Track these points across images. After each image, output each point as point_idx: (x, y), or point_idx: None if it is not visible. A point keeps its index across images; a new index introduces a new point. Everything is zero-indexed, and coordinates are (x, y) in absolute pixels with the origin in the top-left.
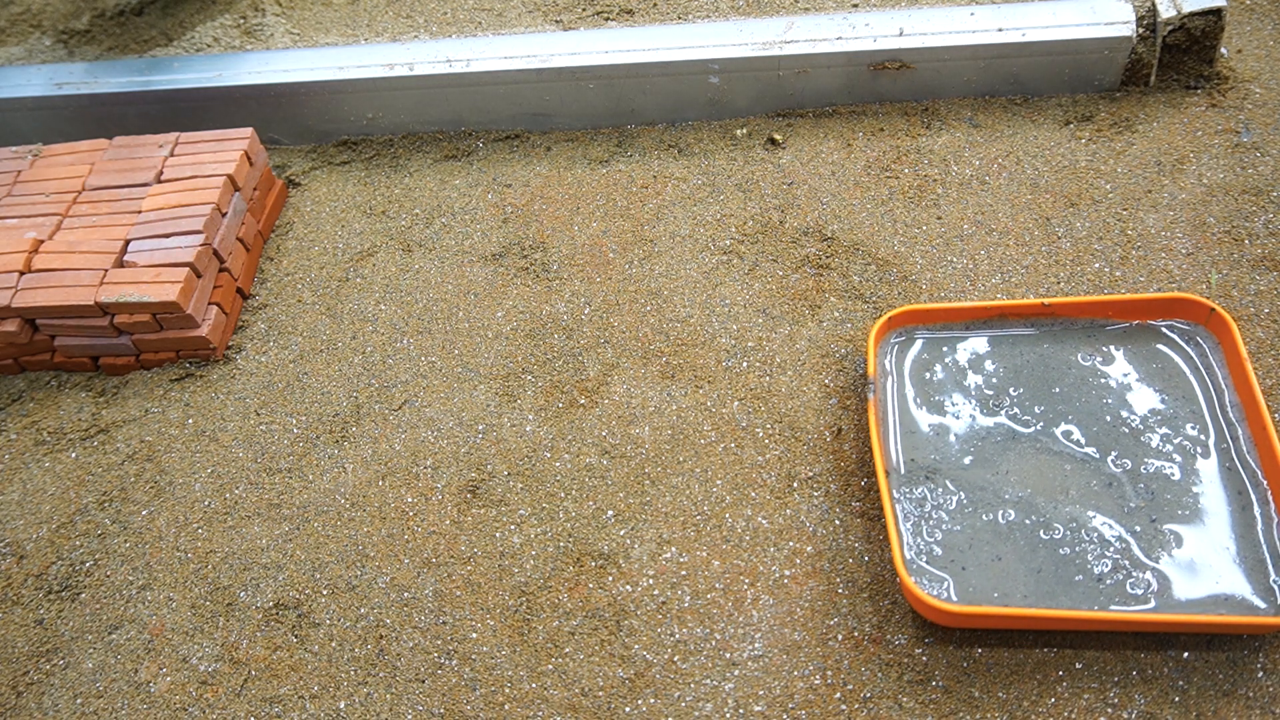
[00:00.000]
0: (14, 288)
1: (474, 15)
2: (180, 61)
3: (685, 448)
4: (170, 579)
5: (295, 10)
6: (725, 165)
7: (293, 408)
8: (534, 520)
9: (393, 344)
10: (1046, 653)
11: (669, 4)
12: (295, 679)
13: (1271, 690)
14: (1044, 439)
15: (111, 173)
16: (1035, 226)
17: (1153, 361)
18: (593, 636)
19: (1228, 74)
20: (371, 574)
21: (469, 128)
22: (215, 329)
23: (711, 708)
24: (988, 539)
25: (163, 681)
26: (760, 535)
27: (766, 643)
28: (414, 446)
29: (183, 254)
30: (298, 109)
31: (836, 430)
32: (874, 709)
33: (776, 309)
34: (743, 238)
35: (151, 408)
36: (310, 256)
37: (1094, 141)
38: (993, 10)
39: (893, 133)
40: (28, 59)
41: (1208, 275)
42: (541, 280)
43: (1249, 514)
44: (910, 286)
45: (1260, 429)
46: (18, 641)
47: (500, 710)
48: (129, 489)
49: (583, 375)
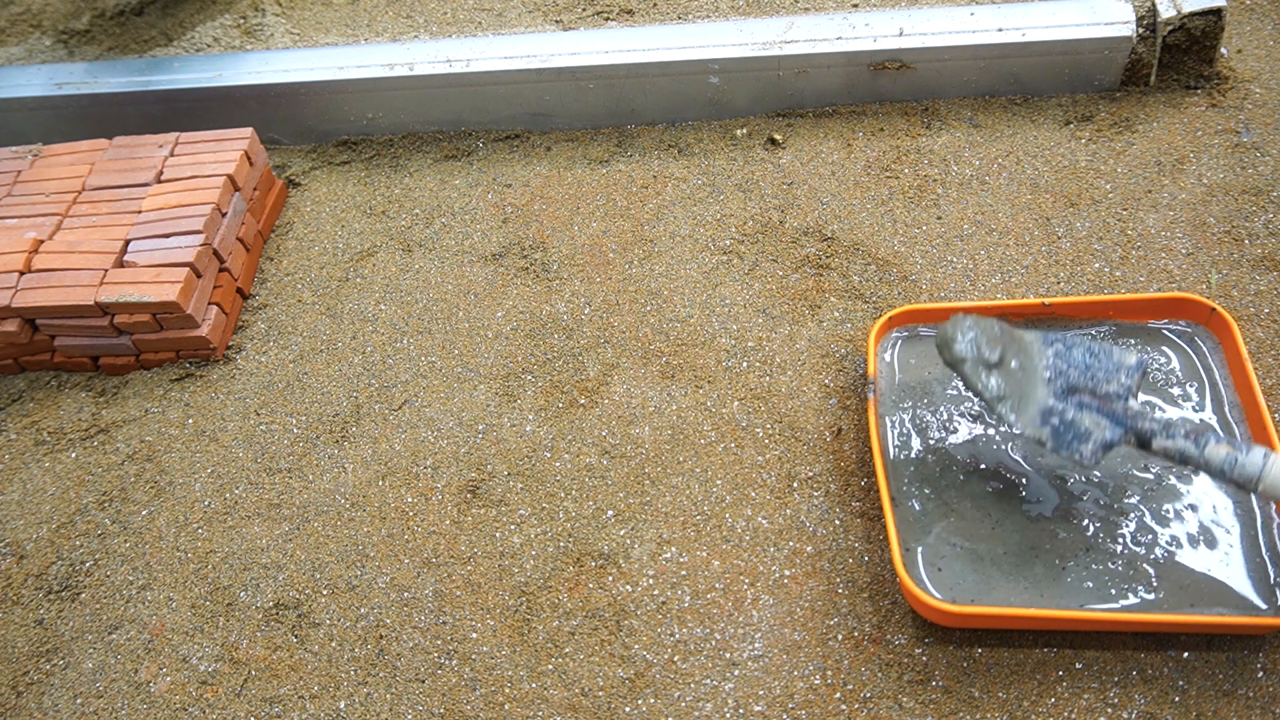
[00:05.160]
0: (14, 288)
1: (474, 15)
2: (180, 61)
3: (685, 448)
4: (170, 579)
5: (295, 10)
6: (725, 165)
7: (293, 408)
8: (534, 520)
9: (393, 344)
10: (1046, 653)
11: (669, 4)
12: (295, 679)
13: (1271, 690)
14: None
15: (111, 173)
16: (1035, 226)
17: (1152, 361)
18: (593, 636)
19: (1228, 74)
20: (371, 574)
21: (469, 128)
22: (215, 329)
23: (711, 708)
24: (984, 532)
25: (163, 681)
26: (760, 535)
27: (766, 643)
28: (414, 446)
29: (183, 254)
30: (298, 109)
31: (836, 430)
32: (874, 709)
33: (776, 309)
34: (743, 238)
35: (151, 408)
36: (310, 256)
37: (1094, 141)
38: (993, 10)
39: (893, 133)
40: (28, 59)
41: (1208, 275)
42: (541, 280)
43: (1249, 514)
44: (910, 286)
45: (1260, 429)
46: (18, 641)
47: (500, 710)
48: (129, 489)
49: (583, 375)
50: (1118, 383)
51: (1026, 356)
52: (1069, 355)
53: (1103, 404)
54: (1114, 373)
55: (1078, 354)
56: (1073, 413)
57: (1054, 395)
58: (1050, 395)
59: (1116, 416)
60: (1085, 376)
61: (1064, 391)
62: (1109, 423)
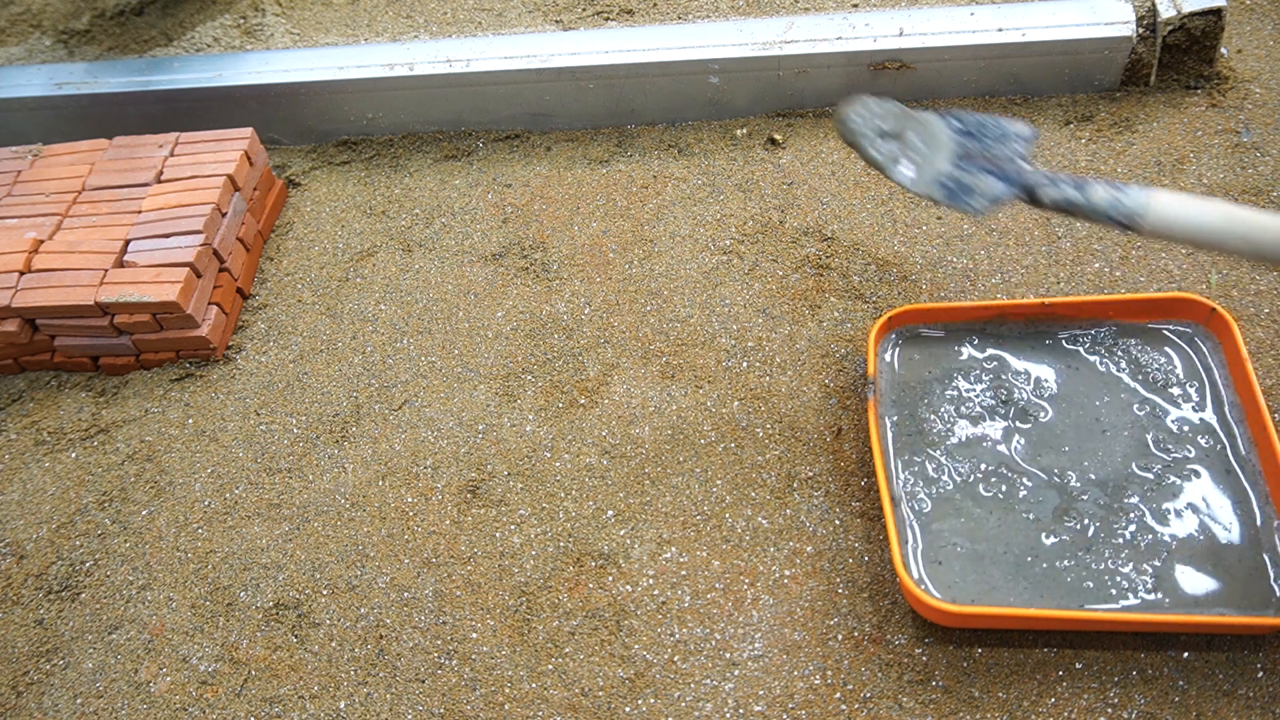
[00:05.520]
0: (14, 288)
1: (474, 15)
2: (180, 61)
3: (685, 448)
4: (170, 579)
5: (295, 10)
6: (725, 165)
7: (293, 408)
8: (534, 520)
9: (393, 344)
10: (1046, 653)
11: (669, 4)
12: (295, 679)
13: (1271, 690)
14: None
15: (111, 173)
16: (1035, 226)
17: (1152, 361)
18: (593, 636)
19: (1228, 74)
20: (371, 574)
21: (469, 128)
22: (215, 329)
23: (711, 708)
24: (982, 534)
25: (163, 681)
26: (760, 535)
27: (766, 643)
28: (414, 446)
29: (183, 254)
30: (298, 109)
31: (836, 430)
32: (874, 709)
33: (776, 309)
34: (743, 238)
35: (151, 408)
36: (310, 256)
37: (1094, 141)
38: (993, 10)
39: None
40: (28, 59)
41: (1208, 275)
42: (541, 280)
43: (1249, 514)
44: (910, 286)
45: (1260, 429)
46: (18, 641)
47: (500, 710)
48: (129, 489)
49: (583, 375)
50: (1010, 147)
51: (928, 133)
52: (964, 125)
53: (994, 165)
54: (1005, 139)
55: (971, 122)
56: (965, 174)
57: (951, 163)
58: (948, 163)
59: (1007, 175)
60: (979, 143)
61: (959, 159)
62: (998, 180)
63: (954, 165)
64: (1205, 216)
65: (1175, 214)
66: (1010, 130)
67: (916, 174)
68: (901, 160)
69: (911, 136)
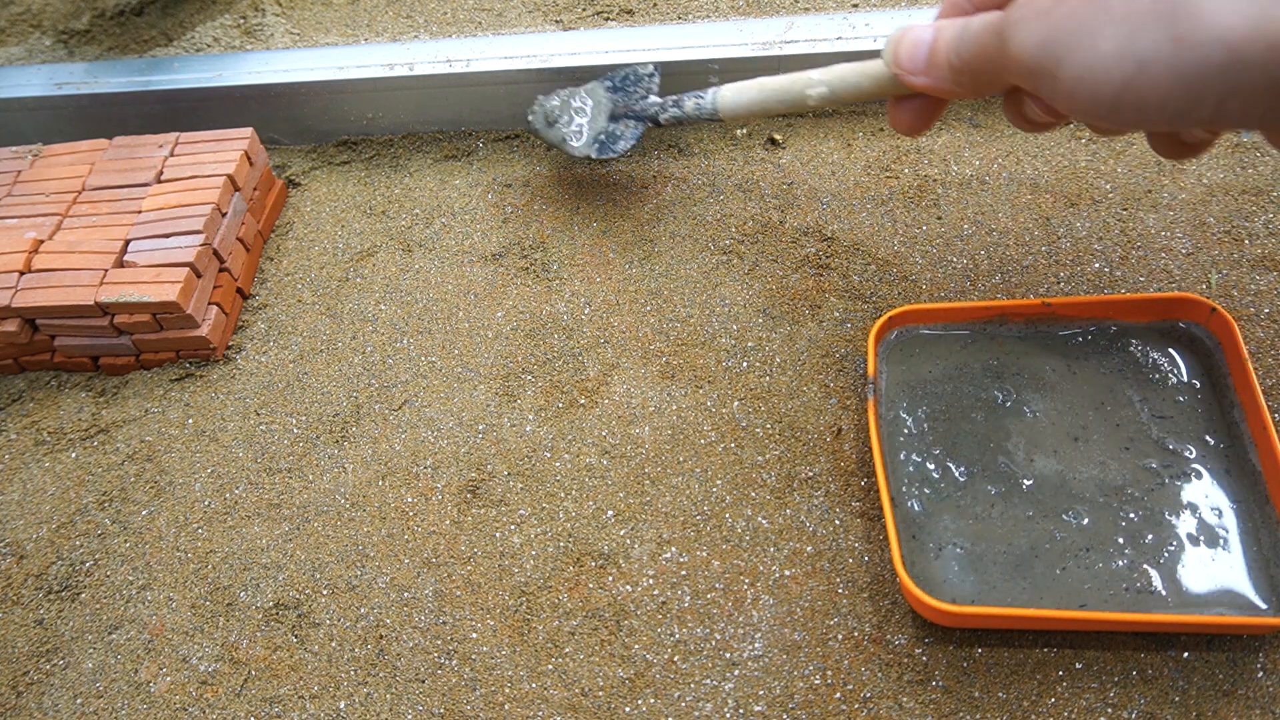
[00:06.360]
0: (14, 288)
1: (474, 15)
2: (180, 61)
3: (685, 448)
4: (170, 579)
5: (295, 10)
6: (725, 165)
7: (293, 408)
8: (534, 520)
9: (393, 344)
10: (1046, 653)
11: (669, 4)
12: (295, 679)
13: (1271, 690)
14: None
15: (111, 173)
16: (1035, 226)
17: (1152, 361)
18: (593, 636)
19: None
20: (371, 574)
21: (469, 128)
22: (215, 329)
23: (711, 708)
24: (984, 533)
25: (163, 681)
26: (760, 535)
27: (766, 643)
28: (414, 446)
29: (183, 254)
30: (298, 109)
31: (836, 430)
32: (874, 709)
33: (776, 309)
34: (743, 238)
35: (151, 408)
36: (310, 256)
37: (1094, 141)
38: None
39: (892, 133)
40: (28, 59)
41: (1208, 275)
42: (541, 280)
43: (1249, 514)
44: (910, 286)
45: (1260, 429)
46: (18, 641)
47: (500, 710)
48: (129, 489)
49: (583, 375)
50: (642, 86)
51: (594, 100)
52: (613, 83)
53: (633, 110)
54: (639, 81)
55: (618, 78)
56: (615, 125)
57: (607, 119)
58: (605, 120)
59: (639, 115)
60: (624, 95)
61: (611, 117)
62: (635, 122)
63: (609, 120)
64: (748, 91)
65: (732, 98)
66: (642, 73)
67: (581, 142)
68: (570, 134)
69: (578, 109)
